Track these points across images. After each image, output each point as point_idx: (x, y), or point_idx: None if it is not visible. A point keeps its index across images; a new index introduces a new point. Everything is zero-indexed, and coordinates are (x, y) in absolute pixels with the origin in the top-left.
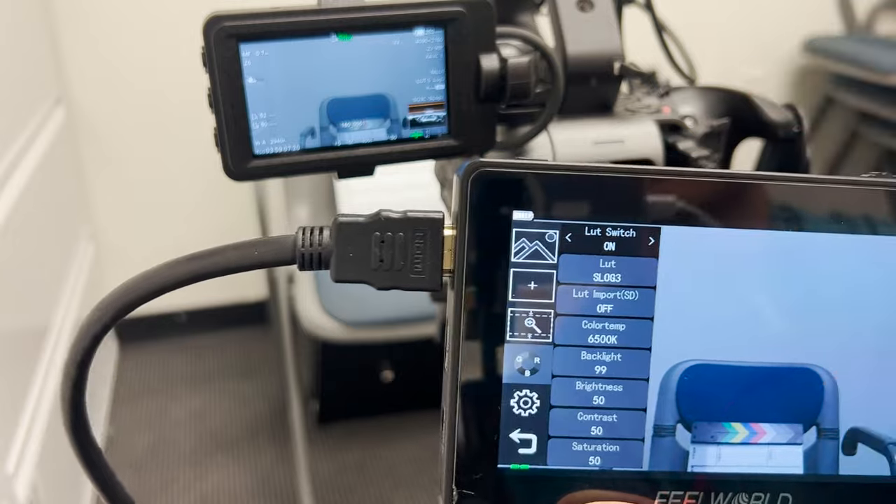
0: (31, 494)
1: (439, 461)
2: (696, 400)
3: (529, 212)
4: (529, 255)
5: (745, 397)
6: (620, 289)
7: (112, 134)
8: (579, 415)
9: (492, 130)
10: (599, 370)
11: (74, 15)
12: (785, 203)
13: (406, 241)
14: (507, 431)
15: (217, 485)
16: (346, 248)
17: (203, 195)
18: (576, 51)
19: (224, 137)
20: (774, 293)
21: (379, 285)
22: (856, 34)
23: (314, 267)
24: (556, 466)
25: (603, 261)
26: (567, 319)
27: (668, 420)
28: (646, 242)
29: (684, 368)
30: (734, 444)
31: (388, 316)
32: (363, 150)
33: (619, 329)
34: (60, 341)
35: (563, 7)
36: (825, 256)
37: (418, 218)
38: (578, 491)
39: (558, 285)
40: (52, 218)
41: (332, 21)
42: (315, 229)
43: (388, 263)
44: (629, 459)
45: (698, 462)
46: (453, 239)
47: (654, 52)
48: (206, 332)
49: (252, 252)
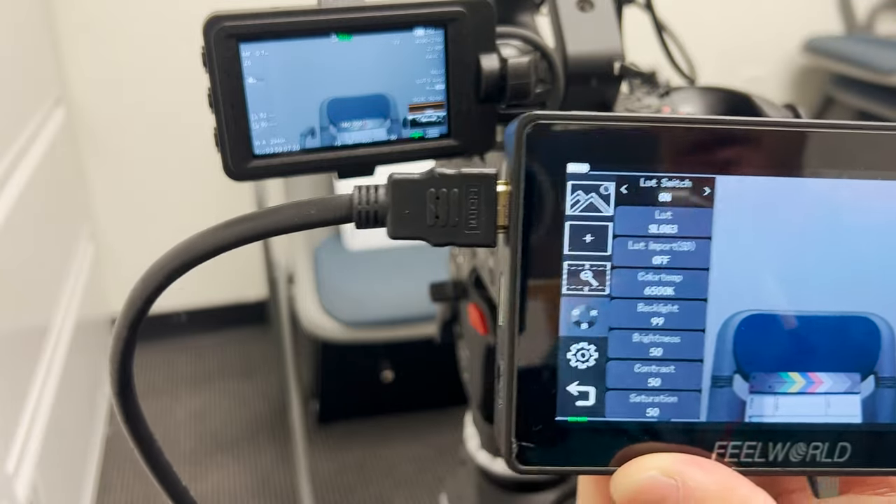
0: (31, 494)
1: (497, 415)
2: (754, 350)
3: (585, 164)
4: (585, 208)
5: (802, 347)
6: (676, 240)
7: (112, 134)
8: (636, 367)
9: (492, 130)
10: (656, 322)
11: (74, 15)
12: (841, 150)
13: (460, 196)
14: (564, 384)
15: (217, 485)
16: (402, 205)
17: (203, 195)
18: (576, 51)
19: (224, 137)
20: (830, 241)
21: (434, 241)
22: (856, 34)
23: (370, 224)
24: (613, 418)
25: (659, 212)
26: (623, 271)
27: (725, 370)
28: (700, 192)
29: (741, 318)
30: (791, 394)
31: (388, 316)
32: (363, 150)
33: (676, 280)
34: (60, 341)
35: (563, 7)
36: (883, 204)
37: (472, 174)
38: (637, 443)
39: (614, 237)
40: (52, 218)
41: (332, 21)
42: (371, 187)
43: (444, 219)
44: (687, 410)
45: (756, 412)
46: (506, 195)
47: (654, 52)
48: (206, 332)
49: (310, 211)
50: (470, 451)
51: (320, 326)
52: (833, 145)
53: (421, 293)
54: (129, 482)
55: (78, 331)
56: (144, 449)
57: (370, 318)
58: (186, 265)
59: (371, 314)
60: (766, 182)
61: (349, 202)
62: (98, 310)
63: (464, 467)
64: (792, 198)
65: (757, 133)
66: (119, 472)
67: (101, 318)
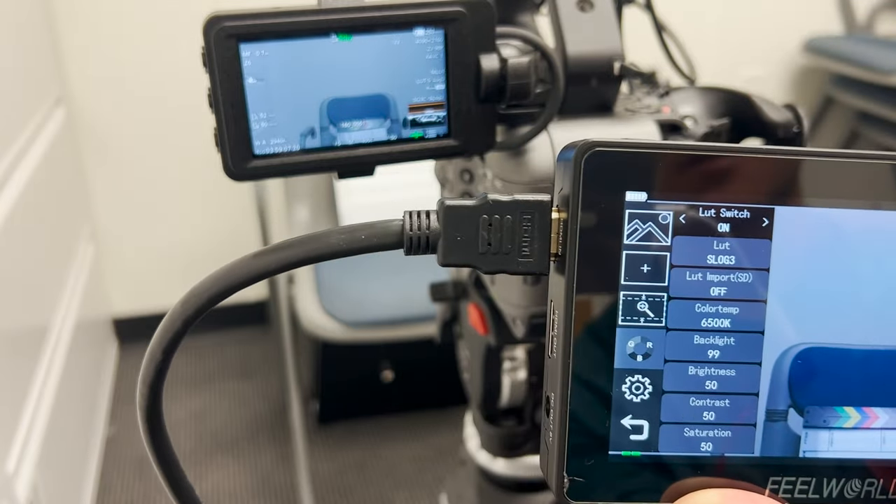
0: (31, 494)
1: (547, 449)
2: (809, 384)
3: (643, 192)
4: (642, 237)
5: (858, 381)
6: (734, 271)
7: (112, 134)
8: (692, 400)
9: (492, 130)
10: (712, 354)
11: (74, 15)
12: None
13: (514, 224)
14: (618, 417)
15: (217, 485)
16: (454, 232)
17: (203, 195)
18: (576, 51)
19: (224, 137)
20: (887, 274)
21: (486, 269)
22: (856, 34)
23: (421, 251)
24: (667, 453)
25: (717, 242)
26: (680, 303)
27: (780, 405)
28: (759, 223)
29: (797, 352)
30: (846, 429)
31: (388, 316)
32: (363, 150)
33: (733, 312)
34: (60, 341)
35: (563, 7)
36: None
37: (526, 201)
38: (690, 477)
39: (672, 268)
40: (52, 218)
41: (332, 21)
42: (422, 213)
43: (496, 247)
44: (741, 445)
45: (810, 447)
46: (559, 222)
47: (654, 52)
48: (206, 333)
49: (359, 237)
50: (470, 451)
51: (320, 326)
52: (889, 176)
53: (421, 293)
54: (129, 482)
55: (78, 331)
56: (168, 472)
57: (370, 318)
58: (228, 290)
59: (371, 314)
60: (825, 213)
61: (400, 228)
62: (98, 310)
63: (464, 467)
64: (851, 230)
65: (816, 164)
66: (119, 472)
67: (101, 318)
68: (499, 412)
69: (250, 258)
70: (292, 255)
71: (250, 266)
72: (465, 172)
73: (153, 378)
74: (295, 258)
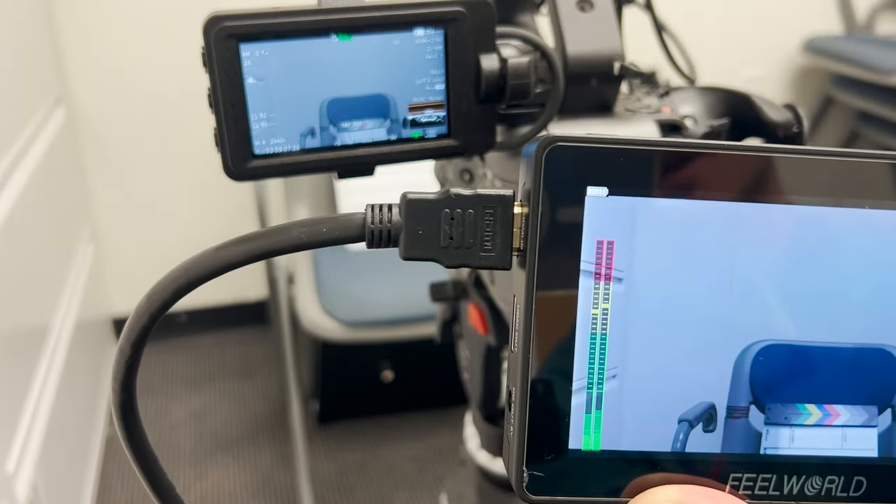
0: (31, 494)
1: (508, 442)
2: (770, 381)
3: (604, 187)
4: (603, 232)
5: (819, 378)
6: (697, 266)
7: (112, 134)
8: (653, 395)
9: (492, 130)
10: (674, 349)
11: (74, 15)
12: (861, 180)
13: (476, 218)
14: (578, 412)
15: (217, 485)
16: (416, 226)
17: (203, 195)
18: (576, 51)
19: (224, 137)
20: (850, 273)
21: (448, 263)
22: (856, 34)
23: (382, 244)
24: (628, 448)
25: (679, 238)
26: (642, 297)
27: (741, 401)
28: (723, 219)
29: (759, 348)
30: (808, 426)
31: (388, 316)
32: (363, 150)
33: (696, 307)
34: (60, 341)
35: (563, 7)
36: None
37: (488, 195)
38: (650, 473)
39: (633, 263)
40: (52, 218)
41: (332, 21)
42: (384, 206)
43: (458, 241)
44: (702, 441)
45: (771, 444)
46: (522, 217)
47: (654, 52)
48: (206, 332)
49: (320, 229)
50: (470, 451)
51: (320, 326)
52: (852, 174)
53: (421, 293)
54: (129, 482)
55: (78, 331)
56: (146, 469)
57: (370, 318)
58: (193, 283)
59: (371, 314)
60: (788, 211)
61: (362, 221)
62: (98, 310)
63: (464, 467)
64: (812, 228)
65: (777, 161)
66: (119, 473)
67: (101, 319)
68: (499, 412)
69: (213, 251)
70: (255, 248)
71: (213, 259)
72: (465, 172)
73: (124, 374)
74: (258, 250)
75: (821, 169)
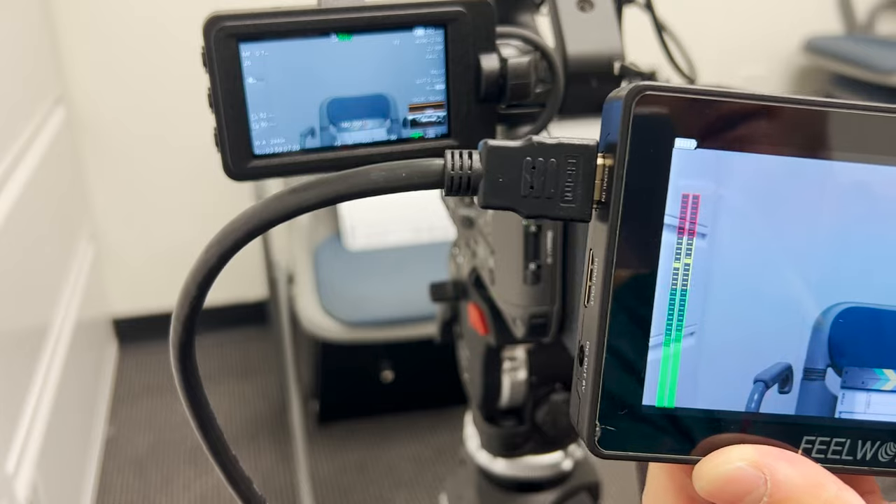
0: (31, 494)
1: (579, 398)
2: (849, 344)
3: (693, 140)
4: (690, 188)
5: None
6: (782, 226)
7: (112, 134)
8: (730, 353)
9: (492, 130)
10: (754, 309)
11: (74, 15)
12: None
13: (558, 167)
14: (654, 368)
15: (217, 484)
16: (496, 173)
17: (203, 195)
18: (576, 51)
19: (224, 137)
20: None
21: (527, 213)
22: (856, 34)
23: (461, 192)
24: (702, 406)
25: (766, 196)
26: (725, 255)
27: (818, 364)
28: (812, 178)
29: (839, 311)
30: (885, 392)
31: (388, 316)
32: (363, 150)
33: (777, 267)
34: (60, 341)
35: (563, 7)
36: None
37: (572, 145)
38: (723, 433)
39: (718, 220)
40: (52, 218)
41: (332, 21)
42: (464, 153)
43: (539, 190)
44: (777, 402)
45: (847, 408)
46: (604, 168)
47: (654, 52)
48: (206, 332)
49: (399, 174)
50: (470, 451)
51: (320, 326)
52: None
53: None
54: (129, 482)
55: (78, 331)
56: (199, 417)
57: (370, 318)
58: (265, 224)
59: (371, 314)
60: (879, 171)
61: (441, 168)
62: (98, 310)
63: (464, 467)
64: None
65: (882, 120)
66: (119, 472)
67: (101, 318)
68: (499, 412)
69: (287, 193)
70: (331, 191)
71: (288, 201)
72: None
73: (187, 314)
74: (334, 193)
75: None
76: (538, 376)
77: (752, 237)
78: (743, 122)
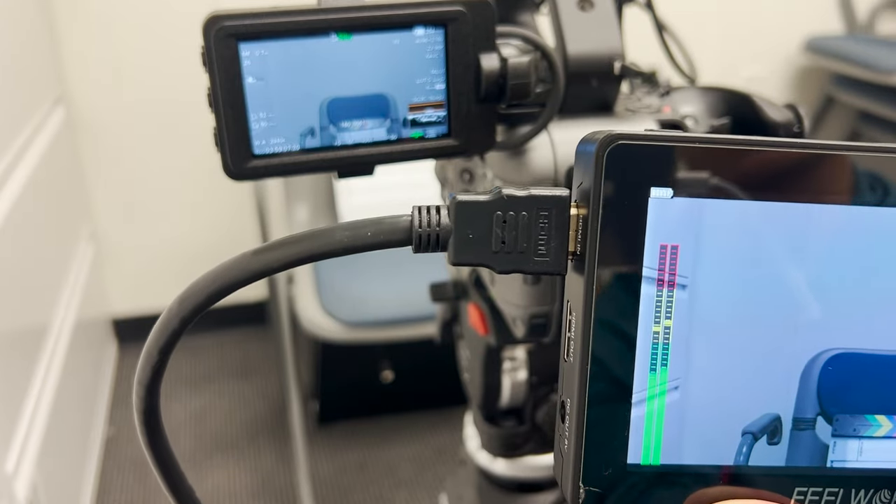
0: (31, 494)
1: (562, 457)
2: (839, 391)
3: (669, 188)
4: (667, 236)
5: (890, 388)
6: (763, 271)
7: (112, 134)
8: (715, 406)
9: (492, 130)
10: (738, 359)
11: (74, 15)
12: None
13: (529, 221)
14: (638, 425)
15: (217, 485)
16: (466, 229)
17: (203, 195)
18: (576, 50)
19: (224, 137)
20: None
21: (500, 269)
22: (856, 34)
23: (430, 249)
24: (689, 462)
25: (747, 242)
26: (706, 305)
27: (808, 413)
28: (793, 222)
29: (827, 358)
30: (877, 438)
31: (388, 316)
32: (363, 150)
33: (761, 314)
34: (60, 341)
35: (564, 6)
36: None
37: (543, 196)
38: (712, 487)
39: (697, 268)
40: (52, 218)
41: (332, 21)
42: (431, 208)
43: (511, 245)
44: (766, 454)
45: (838, 457)
46: (577, 218)
47: (654, 51)
48: (205, 332)
49: (364, 233)
50: (470, 451)
51: (320, 326)
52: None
53: (421, 293)
54: (129, 482)
55: (78, 331)
56: (168, 477)
57: (370, 318)
58: (228, 287)
59: (371, 314)
60: (860, 213)
61: (408, 225)
62: (98, 310)
63: (464, 467)
64: (886, 232)
65: (861, 160)
66: (119, 473)
67: (101, 318)
68: (499, 412)
69: (250, 255)
70: (294, 253)
71: (250, 263)
72: (465, 172)
73: (150, 379)
74: (297, 255)
75: (882, 165)
76: (538, 376)
77: (733, 286)
78: (720, 168)
